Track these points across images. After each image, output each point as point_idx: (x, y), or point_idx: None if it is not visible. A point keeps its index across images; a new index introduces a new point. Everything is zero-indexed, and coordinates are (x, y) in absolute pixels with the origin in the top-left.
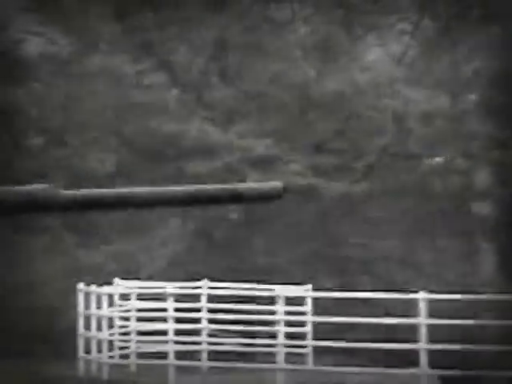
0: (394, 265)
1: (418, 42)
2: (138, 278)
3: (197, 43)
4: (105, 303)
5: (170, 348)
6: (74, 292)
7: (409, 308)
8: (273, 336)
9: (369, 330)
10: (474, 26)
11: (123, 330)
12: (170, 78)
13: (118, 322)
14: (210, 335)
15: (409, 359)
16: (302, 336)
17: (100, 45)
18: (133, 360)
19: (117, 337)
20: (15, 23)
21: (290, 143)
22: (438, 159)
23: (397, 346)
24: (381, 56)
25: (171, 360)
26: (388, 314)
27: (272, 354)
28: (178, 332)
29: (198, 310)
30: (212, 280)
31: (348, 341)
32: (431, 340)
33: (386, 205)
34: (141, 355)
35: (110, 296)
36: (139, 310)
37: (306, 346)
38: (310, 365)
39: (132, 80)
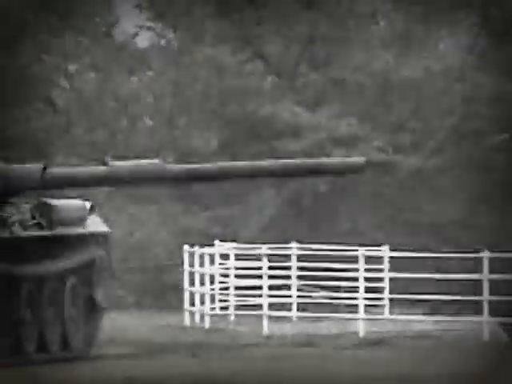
0: (460, 228)
1: (486, 33)
2: (236, 240)
3: (290, 36)
4: (207, 262)
5: (264, 301)
6: (180, 252)
7: (473, 265)
8: (354, 290)
9: (437, 285)
10: None
11: (223, 286)
12: (265, 66)
13: (218, 279)
14: (299, 290)
15: (473, 310)
16: (379, 290)
17: (205, 38)
18: (231, 311)
19: (217, 291)
20: (129, 19)
21: (371, 123)
22: (501, 136)
23: (463, 298)
24: (452, 46)
25: (265, 311)
26: (453, 271)
27: (353, 306)
28: (271, 287)
29: (289, 268)
30: (301, 242)
31: (420, 294)
32: (493, 293)
33: (454, 177)
34: (238, 307)
35: (212, 256)
36: (237, 268)
37: (383, 299)
38: (386, 315)
39: (233, 68)
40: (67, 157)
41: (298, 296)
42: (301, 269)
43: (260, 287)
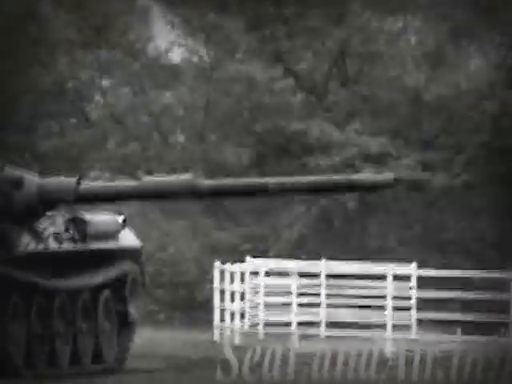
0: (489, 246)
1: None
2: (267, 257)
3: (320, 52)
4: (237, 279)
5: (294, 318)
6: (211, 269)
7: (500, 284)
8: (382, 308)
9: (464, 304)
10: None
11: (253, 303)
12: (296, 83)
13: (248, 296)
14: (328, 307)
15: (499, 330)
16: (407, 308)
17: (236, 54)
18: (261, 328)
19: (247, 308)
20: (162, 35)
21: (400, 140)
22: None
23: (490, 318)
24: (481, 64)
25: (294, 329)
26: (481, 289)
27: (381, 324)
28: (300, 304)
29: (318, 286)
30: (331, 259)
31: (448, 312)
32: None
33: (483, 194)
34: (268, 324)
35: (242, 273)
36: (267, 285)
37: (410, 318)
38: (413, 334)
39: (263, 85)
40: (101, 171)
41: (328, 314)
42: (330, 286)
43: (289, 304)
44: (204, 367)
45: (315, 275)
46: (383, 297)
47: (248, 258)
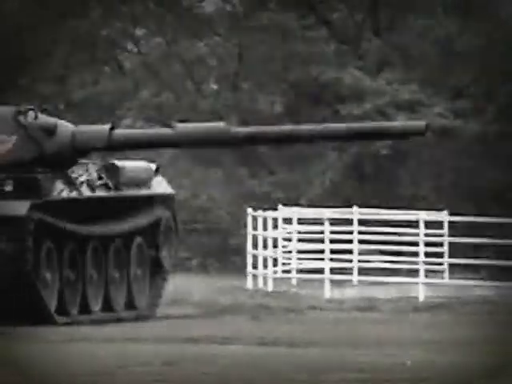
0: None
1: None
2: (299, 204)
3: (353, 1)
4: (270, 226)
5: (326, 265)
6: (243, 216)
7: None
8: (414, 255)
9: (497, 251)
10: None
11: (286, 249)
12: (329, 32)
13: (281, 242)
14: (361, 254)
15: None
16: (439, 255)
17: (269, 3)
18: (293, 275)
19: (280, 255)
20: None
21: (432, 89)
22: None
23: None
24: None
25: (327, 275)
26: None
27: (413, 271)
28: (332, 251)
29: (351, 232)
30: (363, 206)
31: (480, 259)
32: None
33: None
34: (300, 271)
35: (275, 219)
36: (299, 232)
37: (442, 264)
38: (446, 279)
39: (297, 34)
40: (134, 120)
41: (359, 260)
42: (362, 233)
43: (322, 251)
44: (236, 314)
45: (348, 222)
46: (415, 243)
47: (280, 206)
